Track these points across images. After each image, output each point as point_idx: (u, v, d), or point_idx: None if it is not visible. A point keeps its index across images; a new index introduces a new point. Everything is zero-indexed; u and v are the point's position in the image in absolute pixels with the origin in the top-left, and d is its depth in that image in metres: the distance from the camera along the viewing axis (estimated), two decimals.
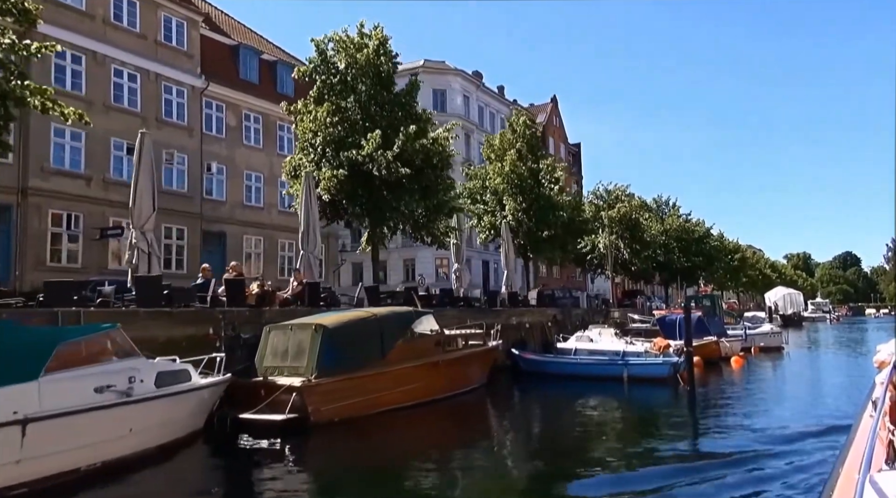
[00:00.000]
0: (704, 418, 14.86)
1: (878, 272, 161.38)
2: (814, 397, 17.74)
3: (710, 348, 24.80)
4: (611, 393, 18.36)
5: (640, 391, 18.47)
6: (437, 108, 52.28)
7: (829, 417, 14.06)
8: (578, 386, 19.42)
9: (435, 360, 15.01)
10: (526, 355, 21.45)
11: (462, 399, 16.26)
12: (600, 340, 24.54)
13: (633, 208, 45.07)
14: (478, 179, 33.37)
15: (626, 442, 12.56)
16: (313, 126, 21.89)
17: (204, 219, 30.43)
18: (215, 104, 31.43)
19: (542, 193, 31.91)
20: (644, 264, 44.57)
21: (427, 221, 23.06)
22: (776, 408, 16.01)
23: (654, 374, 18.89)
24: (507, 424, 14.96)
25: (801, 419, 14.18)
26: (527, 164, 32.79)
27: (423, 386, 14.52)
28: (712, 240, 57.44)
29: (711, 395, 18.20)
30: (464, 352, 16.49)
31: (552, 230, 31.74)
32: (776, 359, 29.74)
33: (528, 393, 19.21)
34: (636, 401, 17.47)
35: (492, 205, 32.47)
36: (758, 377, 23.20)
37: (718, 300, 44.32)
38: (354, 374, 12.82)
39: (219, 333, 13.08)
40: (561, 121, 71.87)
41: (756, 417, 14.55)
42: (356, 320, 13.62)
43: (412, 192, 21.40)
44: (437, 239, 24.08)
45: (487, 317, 24.09)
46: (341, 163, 20.98)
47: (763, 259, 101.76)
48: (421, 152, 21.67)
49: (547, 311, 29.08)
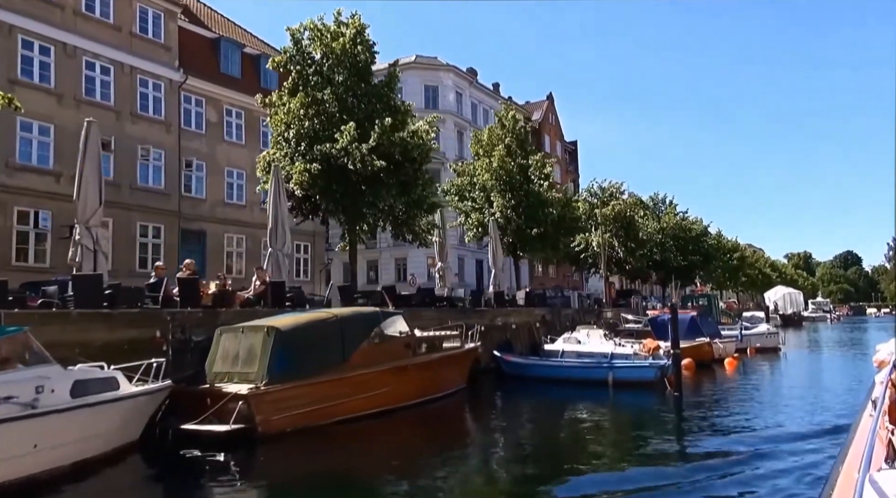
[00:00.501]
0: (690, 425, 13.91)
1: (880, 271, 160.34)
2: (809, 401, 16.78)
3: (702, 350, 23.85)
4: (594, 398, 17.42)
5: (626, 396, 17.52)
6: (429, 105, 51.34)
7: (824, 422, 13.27)
8: (562, 390, 18.50)
9: (404, 363, 14.06)
10: (508, 358, 20.52)
11: (437, 405, 15.32)
12: (588, 341, 23.61)
13: (627, 206, 44.08)
14: (466, 176, 32.41)
15: (606, 451, 11.65)
16: (286, 118, 20.97)
17: (183, 217, 29.50)
18: (194, 99, 30.50)
19: (531, 190, 30.96)
20: (639, 263, 43.58)
21: (407, 218, 22.14)
22: (769, 413, 15.05)
23: (640, 377, 17.94)
24: (481, 431, 14.04)
25: (794, 424, 13.37)
26: (516, 160, 31.83)
27: (391, 392, 13.58)
28: (710, 238, 56.43)
29: (700, 399, 17.23)
30: (437, 355, 15.54)
31: (542, 228, 30.76)
32: (773, 360, 28.79)
33: (509, 397, 18.26)
34: (620, 406, 16.53)
35: (480, 202, 31.51)
36: (752, 380, 22.24)
37: (715, 299, 43.47)
38: (310, 380, 11.88)
39: (166, 336, 12.14)
40: (557, 118, 70.88)
41: (747, 423, 13.65)
42: (314, 322, 12.66)
43: (389, 187, 20.47)
44: (418, 236, 23.16)
45: (470, 317, 23.16)
46: (315, 157, 20.05)
47: (763, 258, 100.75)
48: (399, 145, 20.75)
49: (535, 311, 28.13)
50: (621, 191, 45.31)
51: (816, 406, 15.74)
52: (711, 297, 42.75)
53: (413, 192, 21.16)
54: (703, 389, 19.87)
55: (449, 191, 32.55)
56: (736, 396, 18.38)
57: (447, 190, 32.69)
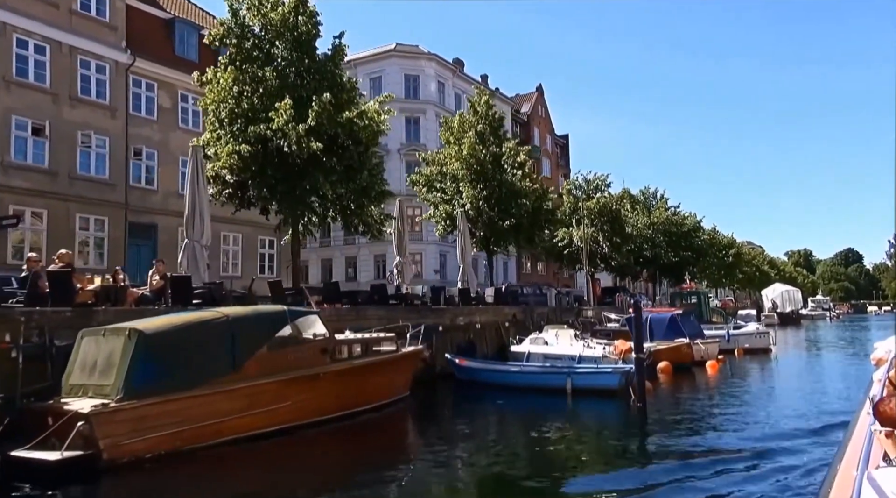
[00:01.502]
0: (653, 443, 11.90)
1: (881, 269, 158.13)
2: (795, 412, 14.78)
3: (680, 352, 21.82)
4: (551, 408, 15.42)
5: (586, 406, 15.52)
6: (409, 95, 49.32)
7: (811, 440, 11.31)
8: (517, 399, 16.48)
9: (316, 372, 12.04)
10: (461, 362, 18.51)
11: (364, 419, 13.31)
12: (557, 342, 21.65)
13: (613, 199, 42.03)
14: (435, 165, 30.38)
15: (545, 478, 9.62)
16: (218, 97, 18.98)
17: (130, 209, 27.50)
18: (145, 83, 28.48)
19: (504, 180, 28.93)
20: (625, 259, 41.53)
21: (356, 208, 20.13)
22: (750, 426, 13.01)
23: (602, 385, 15.91)
24: (404, 450, 12.01)
25: (775, 440, 11.40)
26: (488, 148, 29.78)
27: (299, 405, 11.57)
28: (702, 234, 54.36)
29: (670, 410, 15.18)
30: (364, 360, 13.52)
31: (514, 220, 28.71)
32: (762, 362, 26.74)
33: (455, 408, 16.24)
34: (576, 419, 14.51)
35: (449, 192, 29.47)
36: (735, 385, 20.20)
37: (706, 297, 41.44)
38: (183, 394, 9.86)
39: (16, 341, 10.13)
40: (547, 111, 68.81)
41: (720, 442, 11.65)
42: (193, 324, 10.62)
43: (329, 173, 18.45)
44: (370, 228, 21.13)
45: (427, 317, 21.16)
46: (248, 138, 18.05)
47: (761, 255, 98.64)
48: (344, 127, 18.73)
49: (505, 310, 26.12)
50: (607, 183, 43.25)
51: (805, 416, 13.72)
52: (701, 294, 40.71)
53: (358, 179, 19.14)
54: (677, 396, 17.85)
55: (417, 182, 30.53)
56: (713, 404, 16.35)
57: (416, 181, 30.67)
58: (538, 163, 64.29)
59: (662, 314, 25.18)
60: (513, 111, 63.16)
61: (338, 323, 17.12)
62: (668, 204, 51.66)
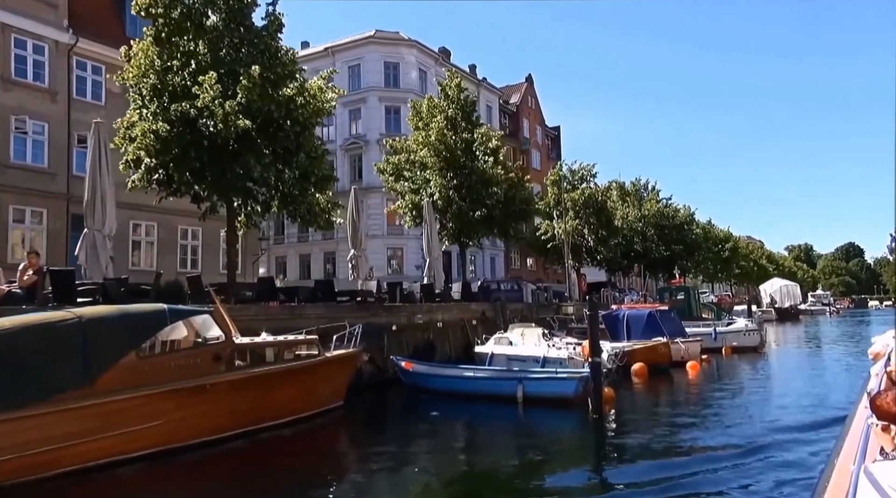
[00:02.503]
0: (608, 464, 10.03)
1: (882, 263, 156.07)
2: (779, 420, 12.92)
3: (656, 352, 19.87)
4: (498, 419, 13.57)
5: (538, 416, 13.62)
6: (389, 83, 47.35)
7: (793, 456, 9.54)
8: (462, 408, 14.59)
9: (201, 383, 10.13)
10: (408, 366, 16.58)
11: (273, 436, 11.43)
12: (522, 342, 19.74)
13: (599, 191, 40.07)
14: (404, 153, 28.45)
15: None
16: (139, 72, 17.06)
17: (73, 200, 25.52)
18: (90, 65, 26.51)
19: (475, 168, 26.99)
20: (612, 253, 39.56)
21: (298, 195, 18.20)
22: (723, 440, 11.13)
23: (556, 392, 13.97)
24: (301, 477, 10.09)
25: (749, 457, 9.57)
26: (460, 134, 27.84)
27: (180, 423, 9.69)
28: (695, 227, 52.35)
29: (634, 421, 13.26)
30: (270, 368, 11.60)
31: (486, 210, 26.78)
32: (751, 362, 24.82)
33: (393, 419, 14.31)
34: (523, 433, 12.57)
35: (416, 181, 27.55)
36: (716, 389, 18.28)
37: (695, 292, 39.52)
38: (9, 414, 7.98)
39: None
40: (537, 102, 66.80)
41: (690, 460, 9.80)
42: (30, 327, 8.67)
43: (260, 156, 16.53)
44: (316, 218, 19.20)
45: (378, 315, 19.31)
46: (171, 116, 16.13)
47: (759, 249, 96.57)
48: (281, 105, 16.80)
49: (472, 306, 24.20)
50: (593, 174, 41.23)
51: (788, 429, 11.80)
52: (690, 289, 38.74)
53: (295, 163, 17.19)
54: (648, 402, 15.93)
55: (384, 170, 28.61)
56: (689, 411, 14.44)
57: (383, 169, 28.75)
58: (527, 154, 62.37)
59: (640, 311, 23.25)
60: (500, 102, 61.19)
61: (267, 323, 15.29)
62: (659, 196, 49.61)
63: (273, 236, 51.77)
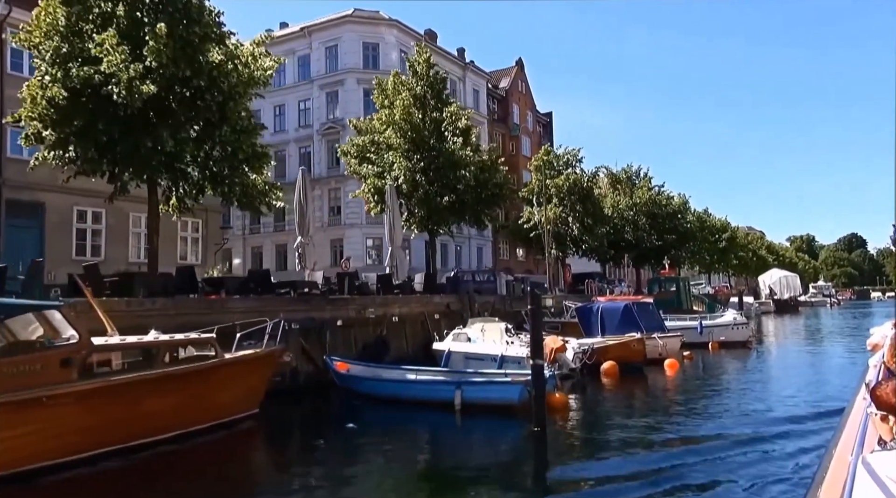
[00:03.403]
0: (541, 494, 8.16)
1: (885, 254, 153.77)
2: (762, 428, 11.06)
3: (628, 349, 17.90)
4: (434, 428, 11.73)
5: (477, 426, 11.75)
6: (369, 65, 45.24)
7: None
8: (398, 415, 12.72)
9: (36, 395, 8.23)
10: (340, 367, 14.64)
11: (160, 451, 9.58)
12: (482, 339, 17.83)
13: (585, 177, 38.03)
14: (368, 134, 26.46)
15: None
16: (39, 33, 15.13)
17: (7, 185, 23.68)
18: None
19: (443, 149, 25.01)
20: (598, 241, 37.57)
21: (229, 174, 16.26)
22: (695, 457, 9.26)
23: (498, 399, 12.02)
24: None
25: (728, 473, 7.77)
26: (428, 113, 25.84)
27: (7, 445, 7.83)
28: (689, 215, 50.29)
29: (583, 437, 11.34)
30: (139, 374, 9.68)
31: (455, 195, 24.79)
32: (738, 358, 22.90)
33: (315, 429, 12.35)
34: (457, 446, 10.66)
35: (381, 165, 25.57)
36: (693, 390, 16.36)
37: (686, 283, 37.58)
38: None
39: None
40: (528, 86, 64.64)
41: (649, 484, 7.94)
42: None
43: (178, 128, 14.59)
44: (253, 201, 17.27)
45: (322, 309, 17.43)
46: (72, 84, 14.21)
47: (759, 239, 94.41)
48: (201, 71, 14.85)
49: (435, 299, 22.29)
50: (579, 159, 39.19)
51: (770, 458, 9.84)
52: (681, 280, 36.80)
53: (217, 137, 15.24)
54: (610, 409, 13.93)
55: (347, 152, 26.63)
56: (658, 419, 12.47)
57: (346, 152, 26.77)
58: (517, 141, 60.25)
59: (615, 304, 21.32)
60: (489, 86, 59.09)
61: (178, 318, 13.42)
62: (651, 183, 47.54)
63: (248, 226, 49.93)
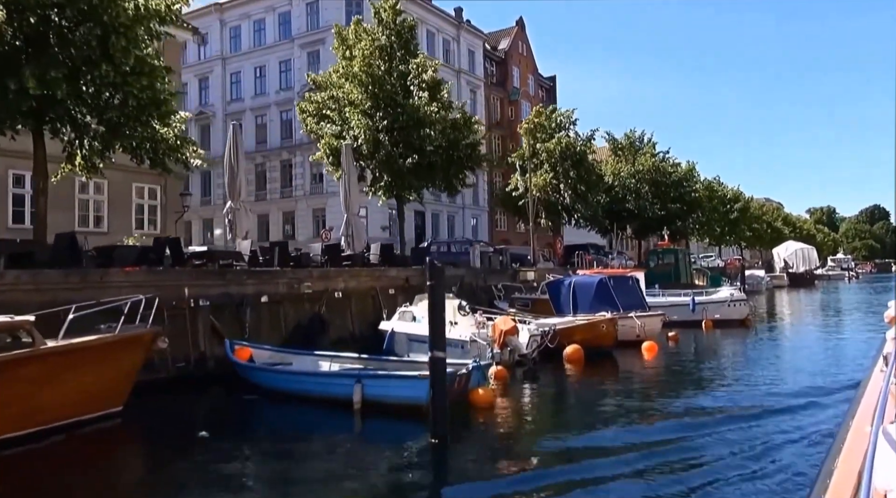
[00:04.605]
0: None
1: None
2: (745, 432, 8.68)
3: (596, 331, 15.31)
4: (328, 431, 9.41)
5: (376, 430, 9.46)
6: (347, 23, 42.43)
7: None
8: (292, 414, 10.44)
9: None
10: (239, 354, 12.28)
11: None
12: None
13: (578, 140, 35.18)
14: (329, 90, 23.90)
15: None
16: None
17: None
18: None
19: (407, 105, 22.43)
20: (591, 210, 34.86)
21: (124, 123, 13.86)
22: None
23: (403, 397, 9.57)
24: None
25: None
26: (395, 66, 23.23)
27: None
28: (694, 183, 47.26)
29: (499, 446, 8.96)
30: None
31: (422, 157, 22.25)
32: (734, 338, 20.35)
33: (187, 432, 10.06)
34: (353, 460, 8.25)
35: (339, 122, 23.06)
36: (667, 380, 13.91)
37: (685, 256, 34.89)
38: None
39: None
40: (529, 48, 61.37)
41: None
42: None
43: (44, 66, 12.19)
44: (161, 157, 14.91)
45: (243, 283, 15.14)
46: None
47: (775, 211, 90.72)
48: None
49: (391, 272, 19.89)
50: (573, 121, 36.27)
51: (756, 477, 7.43)
52: (679, 252, 34.02)
53: (101, 77, 12.82)
54: (552, 407, 11.51)
55: (305, 110, 24.13)
56: (610, 427, 10.07)
57: (303, 109, 24.26)
58: (517, 105, 57.20)
59: (589, 278, 18.73)
60: (486, 48, 55.97)
61: (34, 295, 11.15)
62: (656, 149, 44.53)
63: None
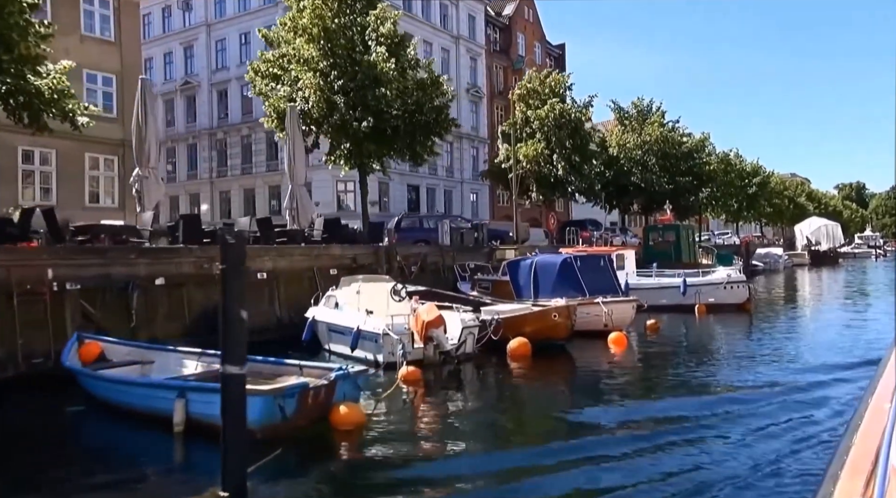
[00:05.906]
0: None
1: None
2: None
3: (546, 321, 12.79)
4: (141, 459, 7.15)
5: (201, 459, 7.21)
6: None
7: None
8: (109, 432, 8.24)
9: None
10: (82, 353, 10.00)
11: None
12: (357, 304, 13.07)
13: (573, 107, 32.31)
14: (281, 47, 21.44)
15: None
16: None
17: None
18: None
19: (365, 62, 19.92)
20: (585, 183, 32.09)
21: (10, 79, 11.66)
22: None
23: None
24: None
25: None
26: (353, 19, 20.69)
27: None
28: (706, 155, 44.07)
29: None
30: None
31: (379, 121, 19.77)
32: (728, 327, 17.73)
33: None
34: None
35: (288, 82, 20.64)
36: (629, 381, 11.44)
37: (689, 231, 32.08)
38: None
39: None
40: (536, 14, 58.12)
41: None
42: None
43: None
44: (39, 112, 12.68)
45: (132, 264, 12.92)
46: None
47: (799, 186, 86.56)
48: None
49: (334, 249, 17.56)
50: (569, 86, 33.37)
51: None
52: (681, 228, 31.11)
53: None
54: (460, 423, 9.04)
55: (257, 70, 21.71)
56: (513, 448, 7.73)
57: (255, 69, 21.85)
58: (521, 75, 54.00)
59: (552, 257, 16.18)
60: (489, 13, 52.91)
61: None
62: (665, 118, 41.39)
63: (216, 169, 45.76)
